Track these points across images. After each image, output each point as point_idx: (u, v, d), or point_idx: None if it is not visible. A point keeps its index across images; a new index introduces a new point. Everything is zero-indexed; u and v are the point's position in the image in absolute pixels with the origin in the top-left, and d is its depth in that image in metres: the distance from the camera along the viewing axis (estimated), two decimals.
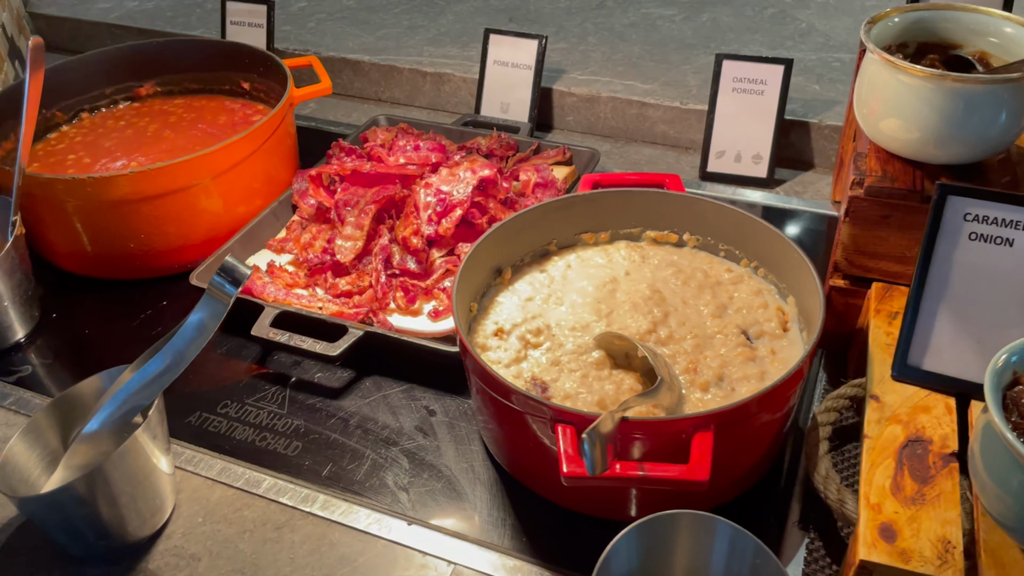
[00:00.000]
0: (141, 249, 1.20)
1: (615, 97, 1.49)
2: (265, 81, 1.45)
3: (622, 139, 1.53)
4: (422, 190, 1.18)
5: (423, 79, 1.64)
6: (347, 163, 1.25)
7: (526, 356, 0.94)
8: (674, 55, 1.62)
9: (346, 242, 1.16)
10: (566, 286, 1.03)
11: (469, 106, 1.62)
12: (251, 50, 1.44)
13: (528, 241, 1.06)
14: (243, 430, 1.01)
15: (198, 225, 1.22)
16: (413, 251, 1.14)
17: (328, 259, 1.17)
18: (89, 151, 1.36)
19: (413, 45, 1.72)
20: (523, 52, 1.48)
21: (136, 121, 1.45)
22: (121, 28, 1.89)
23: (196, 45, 1.48)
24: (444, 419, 1.01)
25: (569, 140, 1.54)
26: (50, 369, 1.11)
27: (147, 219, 1.17)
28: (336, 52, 1.70)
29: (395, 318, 1.11)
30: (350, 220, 1.17)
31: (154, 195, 1.15)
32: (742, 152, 1.37)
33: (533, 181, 1.27)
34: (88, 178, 1.11)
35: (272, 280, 1.14)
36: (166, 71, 1.50)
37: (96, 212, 1.15)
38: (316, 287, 1.16)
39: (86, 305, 1.22)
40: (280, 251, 1.23)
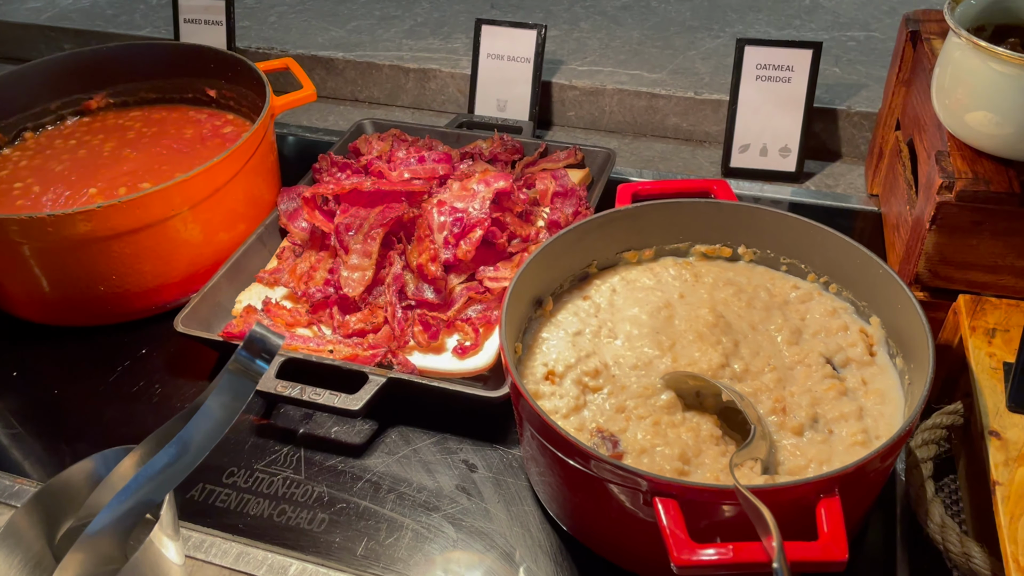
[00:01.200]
0: (112, 291, 1.04)
1: (621, 89, 1.37)
2: (234, 87, 1.29)
3: (630, 134, 1.41)
4: (435, 209, 1.05)
5: (405, 76, 1.49)
6: (344, 181, 1.10)
7: (585, 403, 0.82)
8: (677, 40, 1.50)
9: (353, 273, 1.02)
10: (615, 315, 0.91)
11: (459, 104, 1.49)
12: (216, 53, 1.28)
13: (567, 265, 0.93)
14: (257, 503, 0.87)
15: (177, 260, 1.06)
16: (431, 279, 1.01)
17: (332, 292, 1.03)
18: (38, 177, 1.19)
19: (390, 39, 1.57)
20: (520, 44, 1.35)
21: (88, 139, 1.28)
22: (56, 31, 1.70)
23: (151, 49, 1.31)
24: (487, 475, 0.89)
25: (572, 138, 1.41)
26: (17, 440, 0.96)
27: (119, 258, 1.01)
28: (305, 49, 1.54)
29: (416, 357, 0.98)
30: (355, 247, 1.03)
31: (126, 231, 1.00)
32: (768, 145, 1.26)
33: (551, 190, 1.14)
34: (48, 216, 0.95)
35: (272, 321, 1.00)
36: (118, 80, 1.33)
37: (59, 253, 0.99)
38: (320, 325, 1.02)
39: (50, 358, 1.06)
40: (273, 284, 1.08)
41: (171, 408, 0.98)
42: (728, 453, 0.77)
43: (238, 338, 0.97)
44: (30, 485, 0.90)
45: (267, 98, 1.14)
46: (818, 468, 0.74)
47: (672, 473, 0.75)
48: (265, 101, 1.15)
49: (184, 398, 0.99)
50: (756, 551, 0.62)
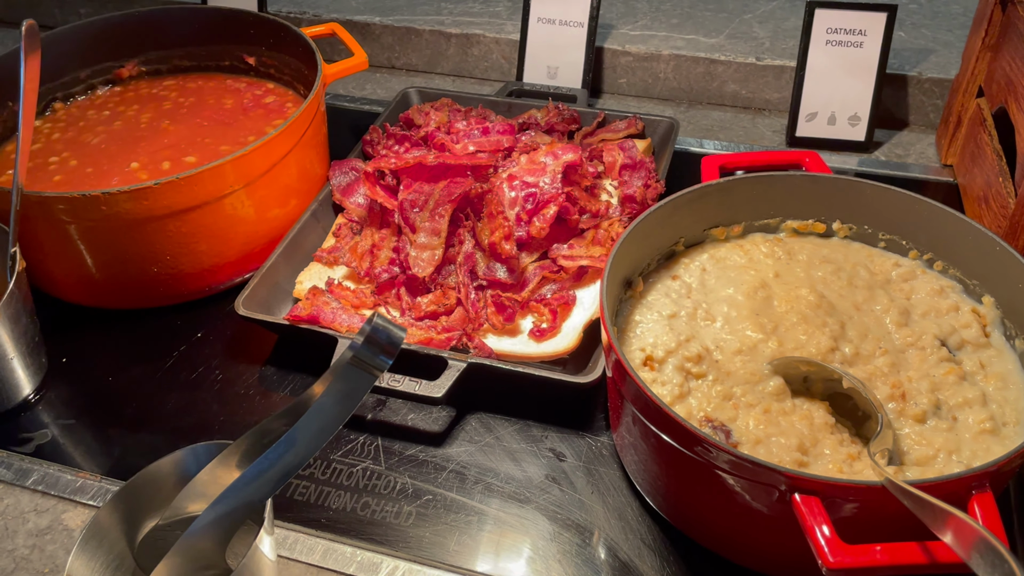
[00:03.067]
0: (166, 273, 0.99)
1: (678, 55, 1.32)
2: (276, 55, 1.22)
3: (684, 102, 1.36)
4: (505, 184, 1.00)
5: (447, 42, 1.43)
6: (406, 155, 1.05)
7: (690, 390, 0.78)
8: (730, 2, 1.44)
9: (422, 252, 0.97)
10: (709, 296, 0.86)
11: (503, 72, 1.42)
12: (257, 18, 1.21)
13: (656, 242, 0.89)
14: (338, 496, 0.83)
15: (232, 239, 1.01)
16: (505, 258, 0.96)
17: (399, 272, 0.98)
18: (74, 151, 1.13)
19: (427, 2, 1.50)
20: (573, 7, 1.29)
21: (123, 110, 1.21)
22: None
23: (186, 14, 1.24)
24: (577, 463, 0.85)
25: (623, 106, 1.36)
26: (73, 432, 0.91)
27: (174, 237, 0.96)
28: (339, 13, 1.47)
29: (491, 340, 0.93)
30: (423, 225, 0.97)
31: (183, 209, 0.94)
32: (836, 113, 1.21)
33: (620, 162, 1.09)
34: (103, 194, 0.89)
35: (338, 303, 0.95)
36: (150, 47, 1.26)
37: (111, 233, 0.94)
38: (387, 306, 0.97)
39: (101, 344, 1.00)
40: (332, 263, 1.03)
41: (233, 395, 0.93)
42: (845, 442, 0.73)
43: (306, 321, 0.92)
44: (93, 479, 0.85)
45: (319, 67, 1.08)
46: (947, 458, 0.71)
47: (792, 465, 0.71)
48: (317, 71, 1.08)
49: (246, 384, 0.95)
50: (914, 552, 0.58)
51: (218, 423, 0.91)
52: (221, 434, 0.89)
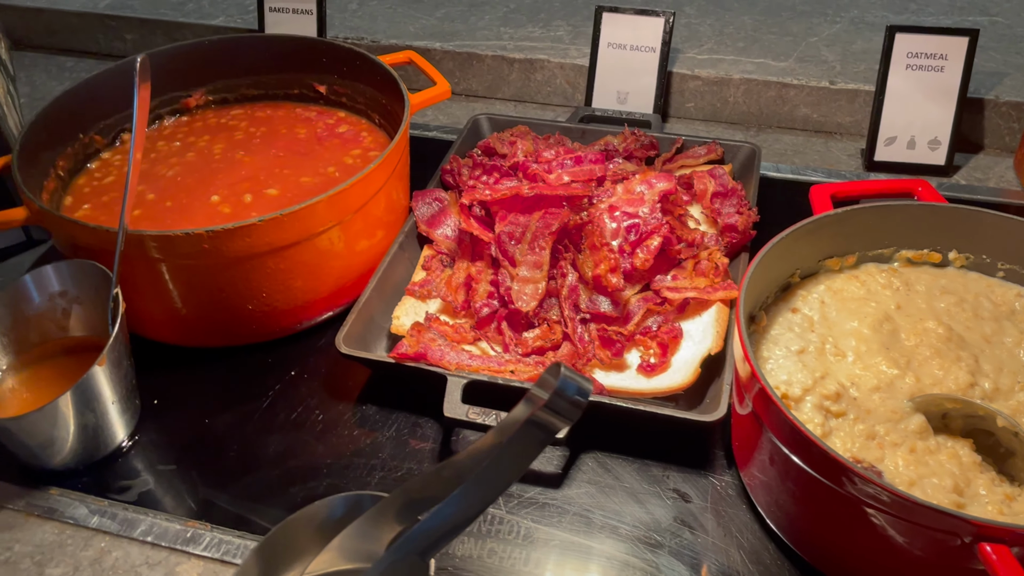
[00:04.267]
0: (260, 310, 0.96)
1: (749, 79, 1.31)
2: (349, 83, 1.20)
3: (753, 126, 1.35)
4: (605, 215, 0.98)
5: (509, 67, 1.41)
6: (499, 185, 1.03)
7: (831, 430, 0.76)
8: (792, 25, 1.43)
9: (524, 286, 0.95)
10: (833, 329, 0.84)
11: (566, 96, 1.41)
12: (331, 47, 1.19)
13: (774, 275, 0.87)
14: (460, 542, 0.80)
15: (327, 274, 0.98)
16: (611, 291, 0.94)
17: (497, 306, 0.96)
18: (150, 184, 1.10)
19: (485, 27, 1.48)
20: (645, 32, 1.28)
21: (193, 141, 1.19)
22: (118, 20, 1.59)
23: (257, 43, 1.22)
24: (703, 504, 0.83)
25: (691, 130, 1.35)
26: (175, 478, 0.88)
27: (272, 275, 0.93)
28: (398, 39, 1.45)
29: (598, 376, 0.91)
30: (525, 258, 0.95)
31: (283, 245, 0.91)
32: (916, 137, 1.20)
33: (711, 189, 1.07)
34: (207, 232, 0.86)
35: (444, 339, 0.92)
36: (218, 76, 1.23)
37: (209, 271, 0.91)
38: (488, 342, 0.95)
39: (193, 384, 0.97)
40: (425, 297, 1.01)
41: (337, 436, 0.91)
42: (996, 481, 0.72)
43: (413, 359, 0.90)
44: (203, 528, 0.82)
45: (405, 98, 1.06)
46: None
47: (950, 507, 0.69)
48: (403, 101, 1.06)
49: (347, 423, 0.92)
50: None
51: (324, 466, 0.88)
52: (329, 477, 0.87)
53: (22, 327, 0.91)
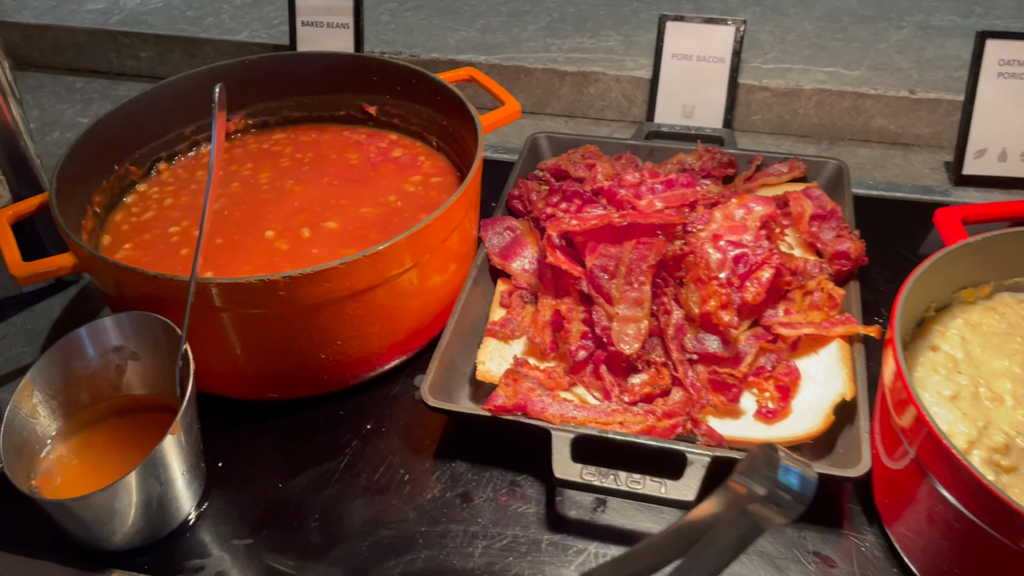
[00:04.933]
0: (334, 359, 0.87)
1: (822, 89, 1.23)
2: (403, 104, 1.11)
3: (825, 139, 1.27)
4: (709, 244, 0.90)
5: (560, 81, 1.33)
6: (584, 214, 0.94)
7: (1004, 486, 0.68)
8: (858, 31, 1.36)
9: (625, 326, 0.86)
10: (981, 370, 0.77)
11: (621, 110, 1.33)
12: (384, 65, 1.10)
13: (911, 310, 0.79)
14: None
15: (404, 317, 0.89)
16: (722, 329, 0.85)
17: (593, 348, 0.87)
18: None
19: (530, 38, 1.40)
20: (713, 41, 1.20)
21: (236, 169, 1.09)
22: (132, 36, 1.49)
23: (302, 62, 1.13)
24: (850, 569, 0.75)
25: (759, 144, 1.27)
26: (254, 555, 0.78)
27: (348, 321, 0.84)
28: (439, 53, 1.36)
29: (712, 423, 0.83)
30: (625, 295, 0.87)
31: (363, 289, 0.82)
32: (1008, 149, 1.13)
33: (809, 212, 1.00)
34: (283, 278, 0.77)
35: (542, 388, 0.84)
36: (260, 98, 1.14)
37: (282, 320, 0.82)
38: (585, 388, 0.86)
39: (260, 443, 0.88)
40: (508, 338, 0.92)
41: (430, 500, 0.82)
42: None
43: (510, 411, 0.81)
44: None
45: (476, 120, 0.97)
46: None
47: None
48: (474, 124, 0.97)
49: (439, 485, 0.83)
50: None
51: (419, 535, 0.79)
52: (427, 549, 0.78)
53: (73, 387, 0.81)
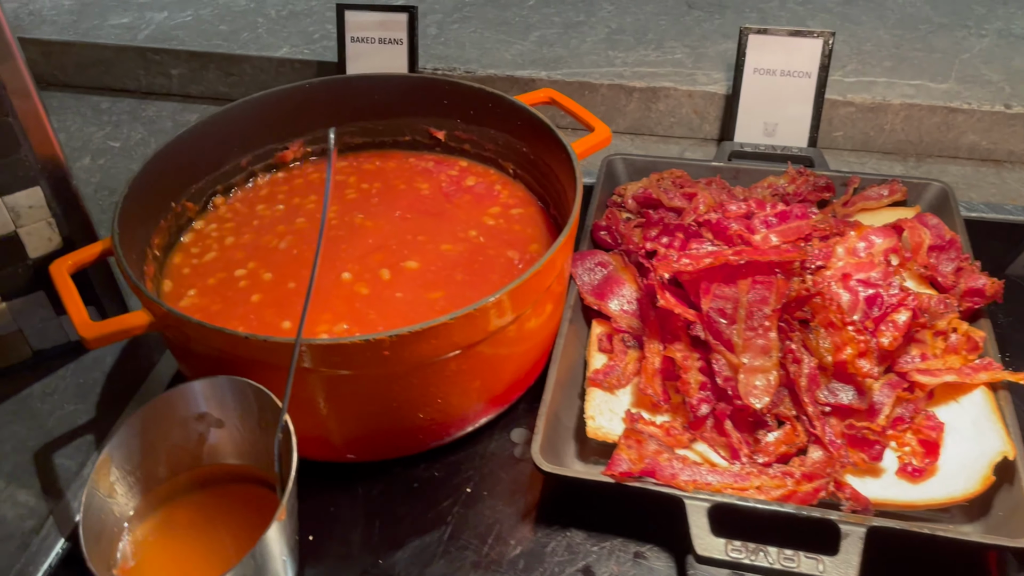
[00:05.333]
0: (431, 418, 0.79)
1: (911, 104, 1.16)
2: (476, 128, 1.04)
3: (911, 155, 1.21)
4: (838, 284, 0.82)
5: (627, 97, 1.25)
6: (693, 250, 0.87)
7: None
8: (936, 40, 1.29)
9: (752, 377, 0.79)
10: None
11: (691, 128, 1.25)
12: (456, 86, 1.02)
13: None
14: None
15: (504, 369, 0.82)
16: (861, 378, 0.78)
17: (714, 400, 0.80)
18: (261, 260, 0.92)
19: (591, 51, 1.32)
20: (799, 55, 1.12)
21: (299, 202, 1.01)
22: (163, 53, 1.40)
23: (369, 84, 1.04)
24: None
25: (841, 163, 1.20)
26: None
27: (451, 378, 0.76)
28: (496, 69, 1.29)
29: (852, 482, 0.76)
30: (752, 342, 0.80)
31: (470, 344, 0.75)
32: None
33: (926, 243, 0.92)
34: (389, 337, 0.69)
35: (667, 450, 0.76)
36: (319, 123, 1.06)
37: (380, 381, 0.74)
38: (708, 445, 0.79)
39: (352, 511, 0.80)
40: (613, 388, 0.85)
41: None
42: None
43: (633, 477, 0.74)
44: None
45: (570, 153, 0.89)
46: None
47: None
48: (566, 153, 0.89)
49: (557, 558, 0.75)
50: None
51: None
52: None
53: (151, 460, 0.73)
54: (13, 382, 0.94)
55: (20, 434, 0.88)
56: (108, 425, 0.88)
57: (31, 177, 0.84)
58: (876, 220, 1.01)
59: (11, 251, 0.87)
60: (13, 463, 0.85)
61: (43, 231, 0.88)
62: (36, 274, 0.90)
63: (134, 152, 1.30)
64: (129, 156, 1.29)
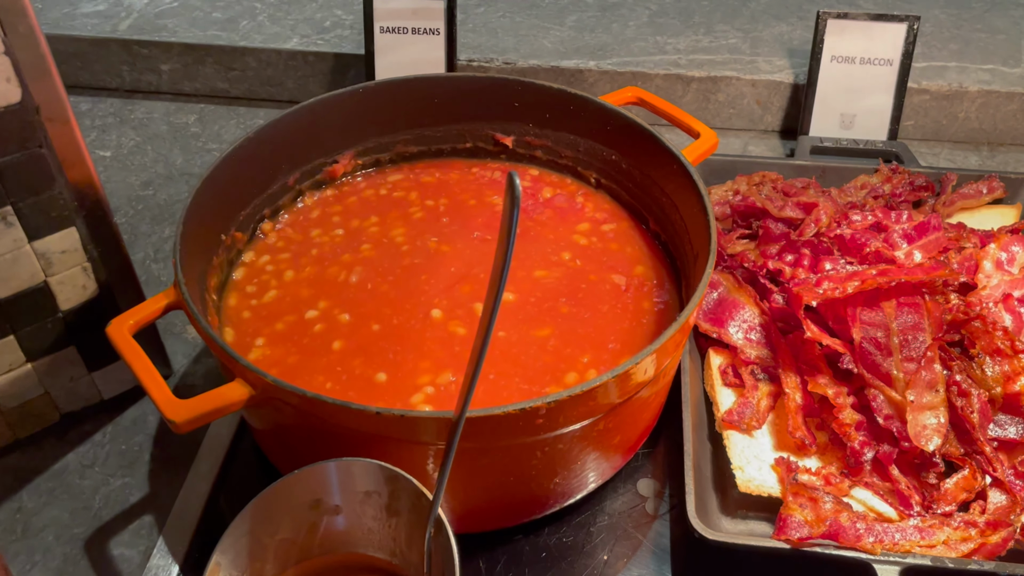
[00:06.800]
0: (567, 481, 0.69)
1: (988, 91, 1.10)
2: (550, 133, 0.93)
3: (984, 144, 1.14)
4: (997, 305, 0.75)
5: (684, 87, 1.15)
6: (834, 269, 0.78)
7: None
8: (995, 20, 1.23)
9: (921, 415, 0.71)
10: None
11: (752, 119, 1.17)
12: (530, 87, 0.90)
13: None
14: None
15: (641, 419, 0.73)
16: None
17: (876, 443, 0.72)
18: (333, 298, 0.80)
19: (636, 36, 1.21)
20: (881, 42, 1.05)
21: (359, 225, 0.88)
22: (152, 46, 1.23)
23: (427, 87, 0.92)
24: None
25: (913, 154, 1.13)
26: None
27: (597, 438, 0.67)
28: (538, 59, 1.17)
29: None
30: (920, 377, 0.72)
31: (623, 400, 0.65)
32: None
33: None
34: (547, 404, 0.59)
35: (849, 510, 0.68)
36: (370, 133, 0.93)
37: (523, 451, 0.64)
38: (874, 492, 0.71)
39: None
40: (749, 429, 0.76)
41: None
42: None
43: (829, 537, 0.65)
44: None
45: (681, 159, 0.79)
46: None
47: None
48: (676, 161, 0.80)
49: None
50: None
51: None
52: None
53: (259, 559, 0.61)
54: (41, 452, 0.80)
55: (62, 519, 0.75)
56: (167, 503, 0.75)
57: (66, 217, 0.70)
58: (978, 221, 0.95)
59: (39, 304, 0.73)
60: (61, 557, 0.72)
61: (77, 278, 0.74)
62: (67, 328, 0.76)
63: (130, 162, 1.14)
64: (125, 167, 1.14)
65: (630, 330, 0.76)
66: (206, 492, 0.75)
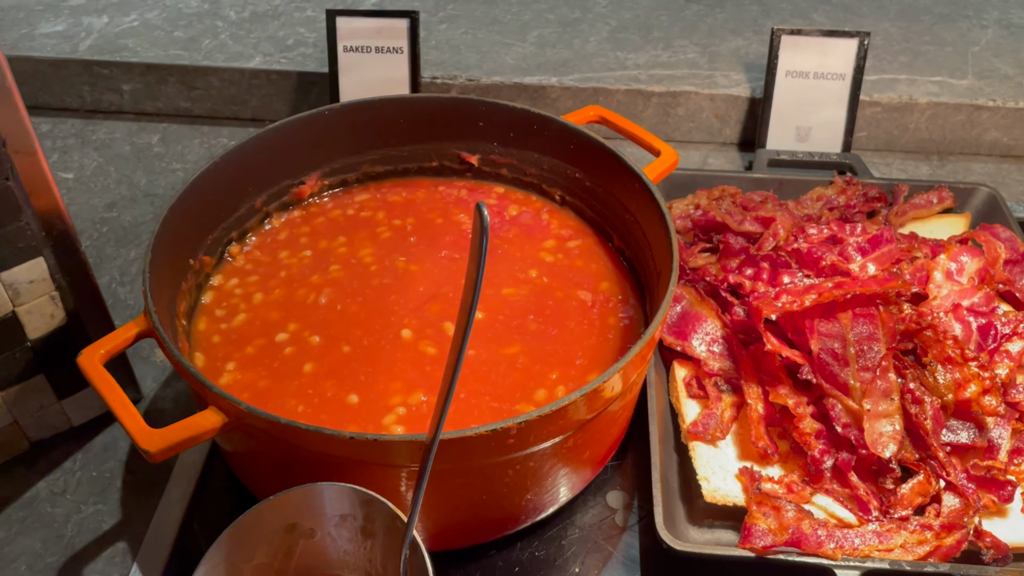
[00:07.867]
0: (537, 498, 0.71)
1: (937, 102, 1.14)
2: (515, 152, 0.94)
3: (934, 154, 1.18)
4: (947, 315, 0.78)
5: (645, 102, 1.18)
6: (791, 282, 0.81)
7: None
8: (943, 32, 1.27)
9: (877, 423, 0.74)
10: None
11: (711, 132, 1.19)
12: (495, 108, 0.92)
13: None
14: None
15: (609, 434, 0.74)
16: (987, 415, 0.75)
17: (835, 451, 0.75)
18: (303, 320, 0.81)
19: (597, 52, 1.24)
20: (833, 57, 1.08)
21: (327, 246, 0.89)
22: (113, 66, 1.23)
23: (388, 107, 0.92)
24: None
25: (865, 163, 1.16)
26: None
27: (567, 454, 0.68)
28: (501, 76, 1.19)
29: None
30: (873, 385, 0.74)
31: (593, 416, 0.66)
32: None
33: (1003, 257, 0.90)
34: (518, 424, 0.60)
35: (810, 517, 0.71)
36: (337, 154, 0.94)
37: (495, 470, 0.65)
38: (834, 498, 0.74)
39: None
40: (714, 440, 0.79)
41: None
42: None
43: (791, 544, 0.68)
44: None
45: (643, 177, 0.81)
46: None
47: None
48: (637, 181, 0.82)
49: None
50: None
51: None
52: None
53: None
54: (11, 482, 0.80)
55: (34, 548, 0.75)
56: (141, 529, 0.76)
57: (33, 247, 0.70)
58: (930, 230, 0.99)
59: (7, 334, 0.73)
60: None
61: (45, 307, 0.74)
62: (36, 357, 0.76)
63: (93, 184, 1.14)
64: (88, 189, 1.13)
65: (597, 346, 0.78)
66: (179, 517, 0.75)
